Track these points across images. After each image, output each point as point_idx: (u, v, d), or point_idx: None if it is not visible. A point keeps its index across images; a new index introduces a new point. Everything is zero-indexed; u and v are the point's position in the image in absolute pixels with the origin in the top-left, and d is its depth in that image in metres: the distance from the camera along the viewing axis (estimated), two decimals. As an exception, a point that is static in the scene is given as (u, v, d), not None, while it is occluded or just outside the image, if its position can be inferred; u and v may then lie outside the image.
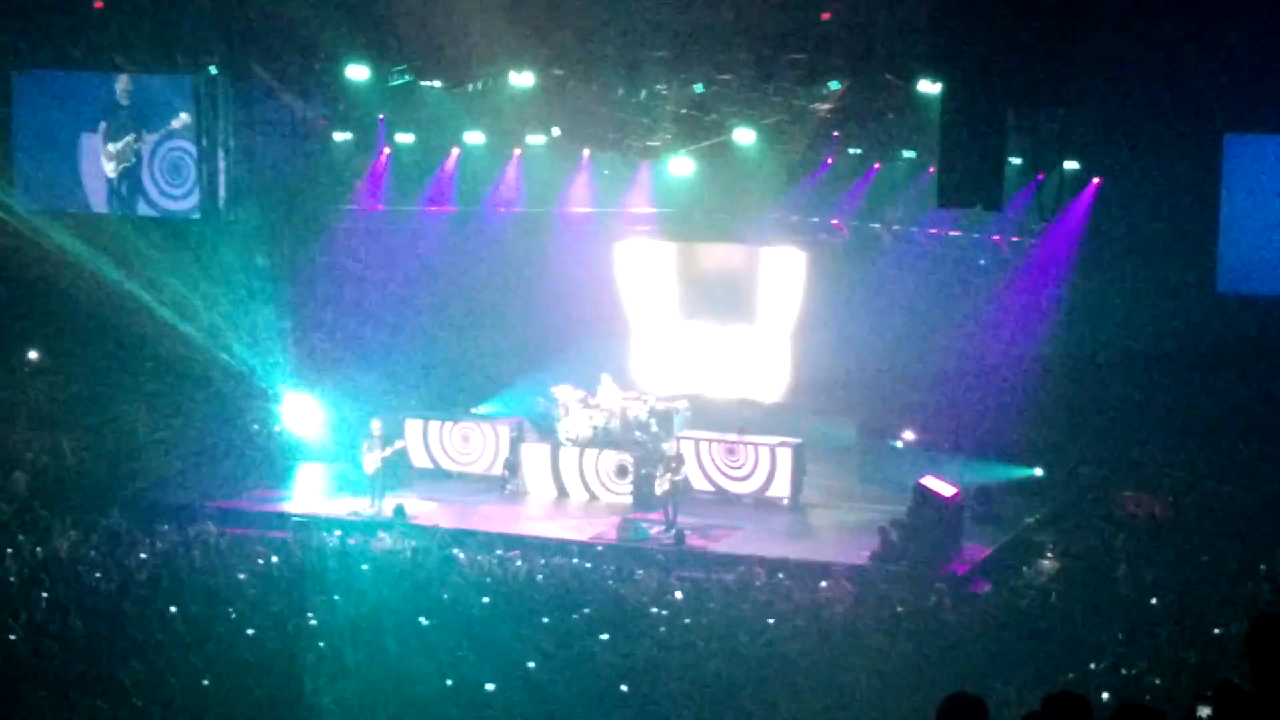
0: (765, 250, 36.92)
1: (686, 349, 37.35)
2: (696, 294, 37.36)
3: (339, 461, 32.54)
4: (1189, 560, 25.82)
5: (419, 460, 32.96)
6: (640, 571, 25.66)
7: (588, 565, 26.15)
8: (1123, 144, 30.37)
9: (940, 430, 33.55)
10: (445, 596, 22.76)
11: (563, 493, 32.02)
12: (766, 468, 31.81)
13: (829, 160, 34.63)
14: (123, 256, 31.59)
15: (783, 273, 36.60)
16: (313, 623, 20.97)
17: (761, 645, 21.11)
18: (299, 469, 33.02)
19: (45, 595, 21.86)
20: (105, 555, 24.71)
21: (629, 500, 31.30)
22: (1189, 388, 31.74)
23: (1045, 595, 24.53)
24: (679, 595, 23.74)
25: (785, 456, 31.80)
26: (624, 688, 19.10)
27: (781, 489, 31.73)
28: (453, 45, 28.22)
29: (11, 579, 22.84)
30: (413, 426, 33.17)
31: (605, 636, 20.88)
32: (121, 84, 31.09)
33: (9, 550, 24.48)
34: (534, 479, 32.28)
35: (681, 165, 33.02)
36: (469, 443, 33.28)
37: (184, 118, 30.93)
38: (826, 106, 29.70)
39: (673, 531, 28.73)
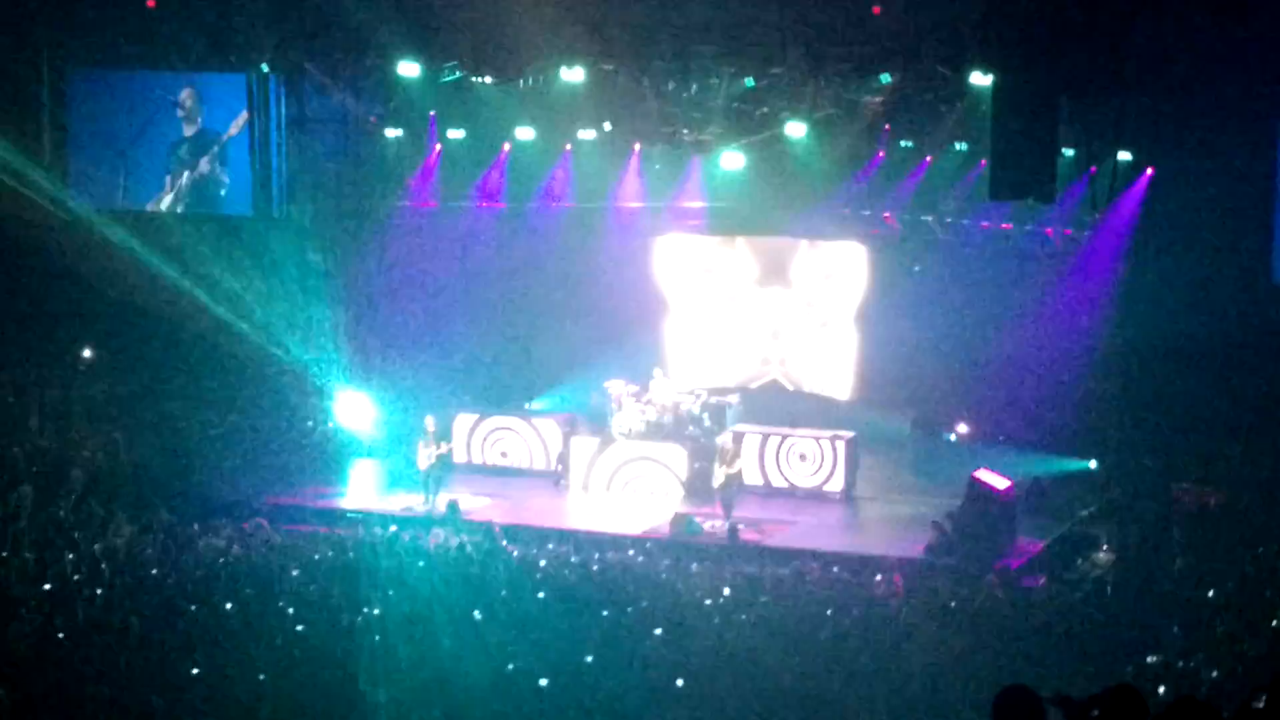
0: (817, 244, 36.89)
1: (739, 343, 37.35)
2: (747, 289, 37.35)
3: (392, 457, 32.65)
4: (1245, 552, 25.67)
5: (461, 456, 33.04)
6: (694, 566, 25.65)
7: (641, 560, 26.15)
8: (1176, 134, 30.19)
9: (994, 423, 33.48)
10: (500, 592, 22.78)
11: (615, 487, 32.04)
12: (820, 461, 31.79)
13: (880, 154, 34.55)
14: (177, 254, 31.76)
15: (835, 267, 36.57)
16: (367, 618, 21.03)
17: (816, 639, 21.07)
18: (353, 465, 33.16)
19: (102, 592, 21.97)
20: (162, 552, 24.81)
21: (682, 495, 31.34)
22: (1244, 378, 31.56)
23: (1100, 588, 24.44)
24: (733, 589, 23.70)
25: (839, 449, 31.77)
26: (679, 682, 19.08)
27: (835, 482, 31.70)
28: (503, 41, 28.30)
29: (69, 576, 22.96)
30: (463, 421, 33.32)
31: (659, 631, 20.87)
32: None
33: (66, 548, 24.62)
34: (587, 474, 32.31)
35: (732, 159, 32.96)
36: (517, 438, 33.40)
37: (244, 116, 31.08)
38: (878, 100, 29.66)
39: (726, 525, 28.72)
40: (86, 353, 34.65)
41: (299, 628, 20.56)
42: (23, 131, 31.35)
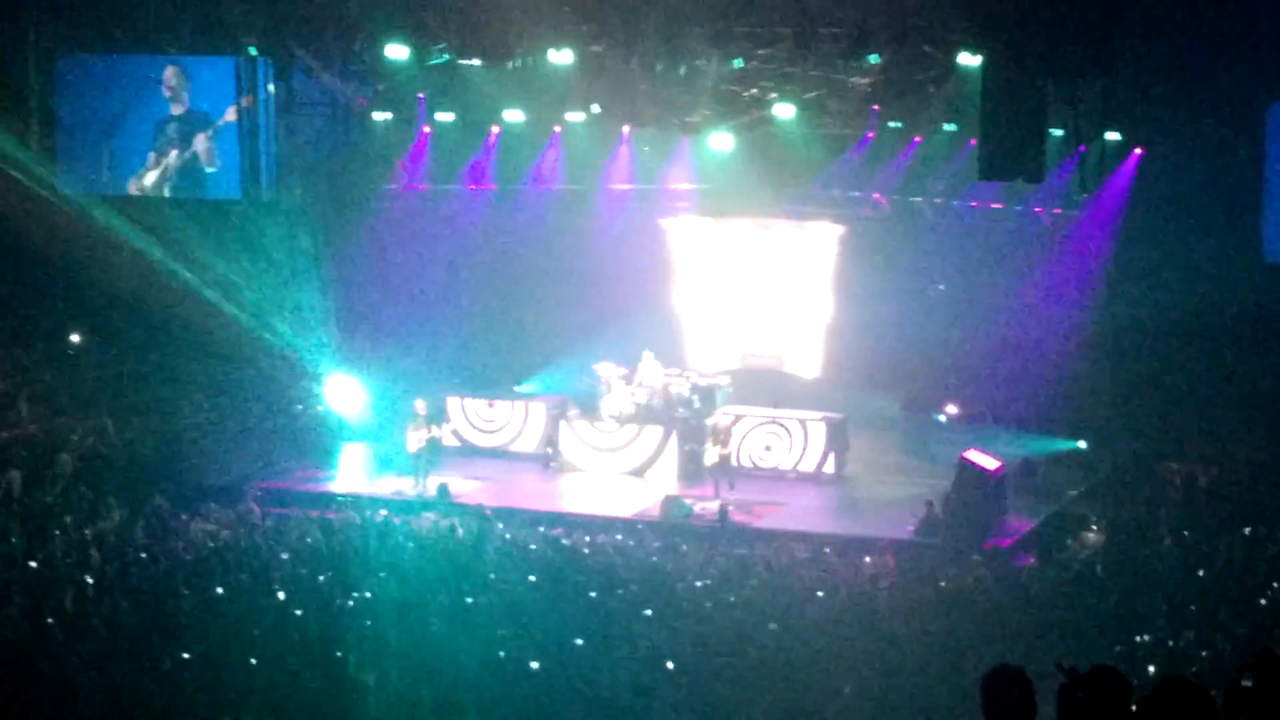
0: (807, 225, 36.88)
1: (728, 325, 37.35)
2: (738, 270, 37.34)
3: (382, 441, 32.64)
4: (1234, 531, 25.72)
5: (454, 439, 33.08)
6: (684, 548, 25.69)
7: (631, 543, 26.17)
8: (1165, 114, 30.22)
9: (984, 403, 33.51)
10: (489, 575, 22.81)
11: (605, 470, 32.05)
12: (809, 443, 31.80)
13: (869, 134, 34.51)
14: (166, 238, 31.70)
15: (824, 247, 36.56)
16: (357, 602, 21.04)
17: (806, 620, 21.10)
18: (343, 449, 33.14)
19: (92, 577, 21.97)
20: (151, 536, 24.83)
21: (673, 477, 31.35)
22: (1234, 358, 31.61)
23: (1090, 568, 24.46)
24: (723, 571, 23.74)
25: (828, 431, 31.79)
26: (670, 664, 19.11)
27: (825, 464, 31.73)
28: (491, 23, 28.21)
29: (59, 561, 22.96)
30: (450, 404, 33.39)
31: (649, 613, 20.89)
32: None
33: (56, 532, 24.63)
34: (577, 456, 32.33)
35: (721, 141, 32.92)
36: (500, 417, 33.46)
37: (232, 113, 31.04)
38: (866, 80, 29.60)
39: (717, 506, 28.74)
40: (75, 337, 34.61)
41: (289, 612, 20.57)
42: (11, 115, 31.28)
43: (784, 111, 30.84)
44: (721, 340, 37.34)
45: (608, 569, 23.50)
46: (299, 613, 20.59)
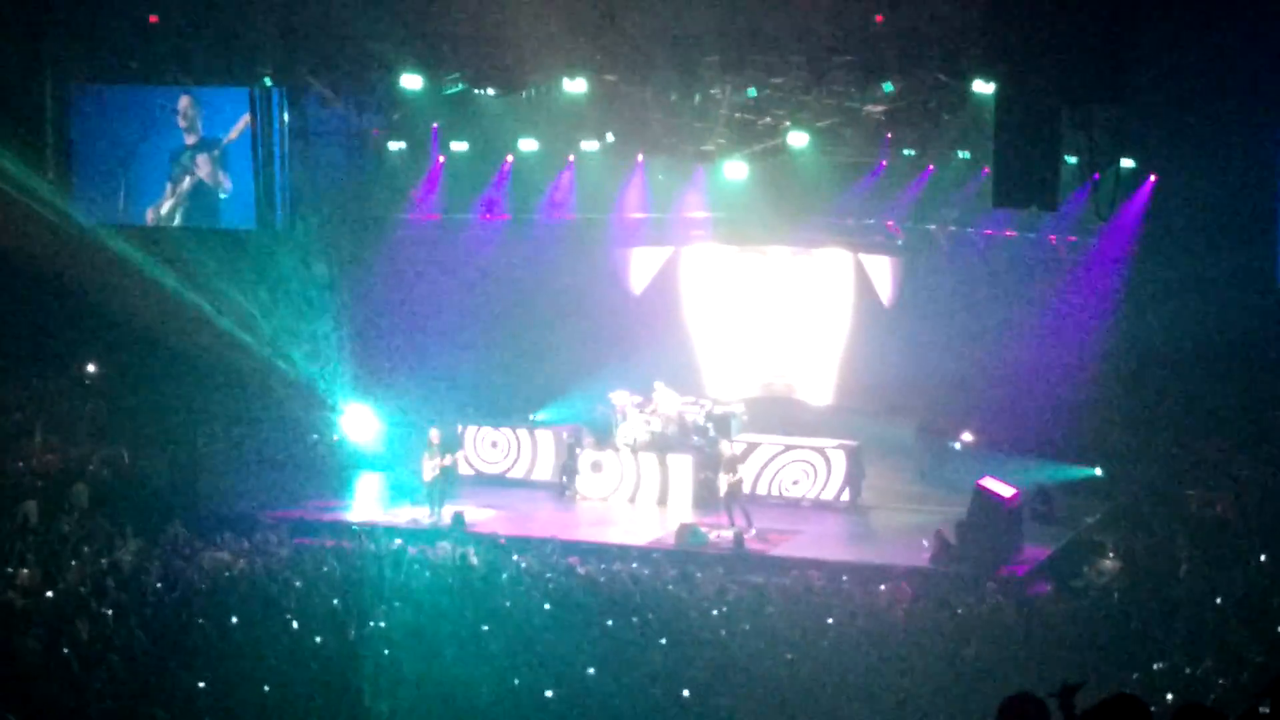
0: (820, 253, 36.88)
1: (743, 353, 37.34)
2: (752, 298, 37.34)
3: (397, 470, 32.64)
4: (1252, 558, 25.63)
5: (468, 467, 33.10)
6: (699, 576, 25.63)
7: (647, 571, 26.11)
8: (1179, 141, 30.18)
9: (999, 431, 33.41)
10: (505, 604, 22.77)
11: (621, 498, 32.02)
12: (824, 470, 31.76)
13: (883, 162, 34.48)
14: (181, 268, 31.75)
15: (838, 275, 36.55)
16: (372, 631, 21.02)
17: (821, 648, 21.05)
18: (358, 478, 33.16)
19: (107, 607, 21.97)
20: (167, 566, 24.82)
21: (688, 505, 31.31)
22: (1250, 384, 31.54)
23: (1107, 596, 24.39)
24: (738, 600, 23.68)
25: (843, 458, 31.75)
26: (685, 693, 19.06)
27: (840, 491, 31.67)
28: (505, 53, 28.28)
29: (74, 590, 22.96)
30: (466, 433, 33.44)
31: (664, 641, 20.85)
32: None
33: (72, 562, 24.63)
34: (592, 485, 32.31)
35: (735, 169, 32.93)
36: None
37: (244, 121, 31.01)
38: (880, 108, 29.62)
39: (732, 534, 28.69)
40: (91, 367, 34.66)
41: (304, 641, 20.54)
42: (27, 147, 31.35)
43: (798, 140, 30.84)
44: (737, 368, 37.32)
45: (623, 597, 23.45)
46: (315, 641, 20.57)
